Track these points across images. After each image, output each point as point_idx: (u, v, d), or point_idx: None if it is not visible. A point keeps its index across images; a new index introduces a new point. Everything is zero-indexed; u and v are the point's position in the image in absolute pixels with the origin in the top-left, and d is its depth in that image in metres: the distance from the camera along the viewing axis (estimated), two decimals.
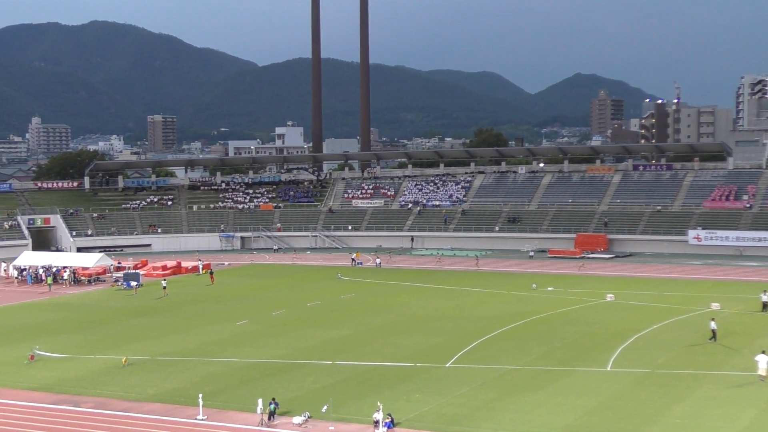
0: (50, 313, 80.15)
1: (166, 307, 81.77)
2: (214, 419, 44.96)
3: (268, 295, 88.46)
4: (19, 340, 66.56)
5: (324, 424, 43.60)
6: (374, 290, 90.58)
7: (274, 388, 50.01)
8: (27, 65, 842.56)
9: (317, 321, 73.05)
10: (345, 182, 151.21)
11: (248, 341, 64.69)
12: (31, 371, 56.34)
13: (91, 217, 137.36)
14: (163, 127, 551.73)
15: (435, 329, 68.26)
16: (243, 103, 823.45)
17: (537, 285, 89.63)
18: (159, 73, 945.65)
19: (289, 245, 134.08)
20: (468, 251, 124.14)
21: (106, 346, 63.91)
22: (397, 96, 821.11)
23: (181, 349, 62.29)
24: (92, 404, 48.39)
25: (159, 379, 53.42)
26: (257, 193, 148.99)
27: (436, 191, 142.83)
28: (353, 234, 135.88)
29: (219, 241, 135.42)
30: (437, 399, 47.87)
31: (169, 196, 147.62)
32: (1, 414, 46.86)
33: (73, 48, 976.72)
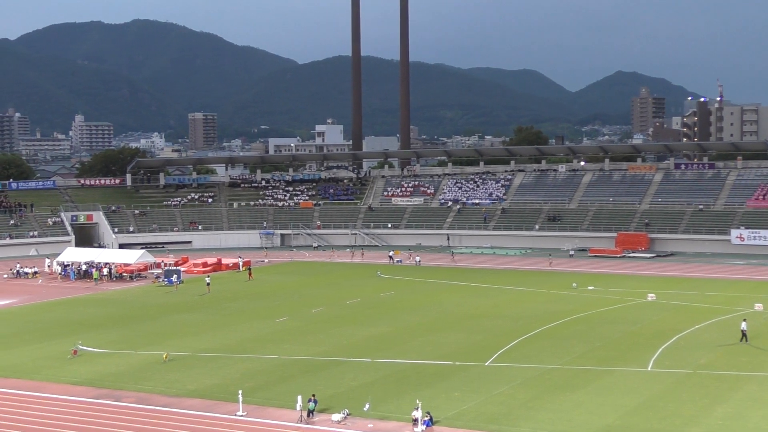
0: (92, 308, 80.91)
1: (207, 304, 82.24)
2: (253, 415, 45.17)
3: (307, 292, 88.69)
4: (62, 335, 67.27)
5: (363, 421, 43.65)
6: (413, 288, 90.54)
7: (314, 385, 50.17)
8: (70, 63, 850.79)
9: (356, 318, 73.16)
10: (385, 180, 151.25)
11: (288, 338, 64.90)
12: (74, 366, 56.91)
13: (133, 214, 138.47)
14: (203, 125, 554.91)
15: (474, 327, 68.13)
16: (283, 100, 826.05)
17: (577, 284, 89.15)
18: (200, 71, 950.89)
19: (328, 243, 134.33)
20: (508, 250, 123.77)
21: (147, 341, 64.42)
22: (437, 94, 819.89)
23: (221, 345, 62.64)
24: (133, 399, 48.79)
25: (199, 375, 53.76)
26: (297, 191, 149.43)
27: (475, 189, 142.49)
28: (393, 232, 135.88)
29: (259, 239, 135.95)
30: (476, 397, 47.78)
31: (209, 193, 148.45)
32: (45, 408, 47.40)
33: (116, 46, 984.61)
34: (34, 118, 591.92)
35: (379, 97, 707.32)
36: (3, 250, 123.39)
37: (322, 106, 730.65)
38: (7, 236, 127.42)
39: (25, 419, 45.34)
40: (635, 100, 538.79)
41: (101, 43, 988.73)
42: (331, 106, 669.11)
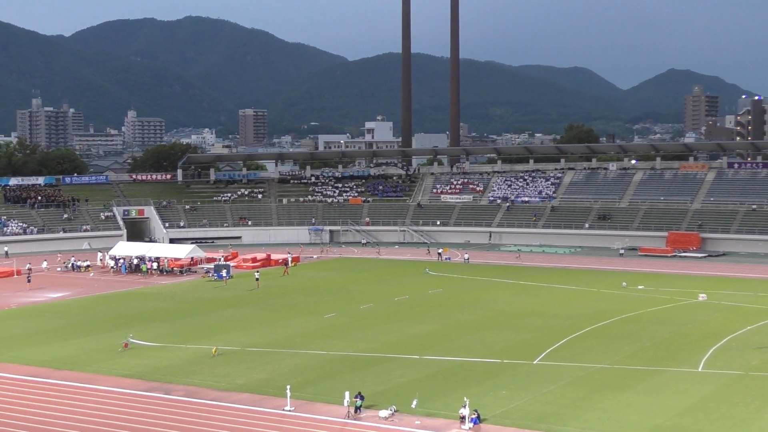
0: (143, 302, 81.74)
1: (256, 299, 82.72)
2: (301, 410, 45.38)
3: (356, 288, 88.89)
4: (114, 328, 68.04)
5: (410, 418, 43.69)
6: (462, 285, 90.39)
7: (361, 381, 50.28)
8: (123, 60, 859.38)
9: (404, 315, 73.18)
10: (434, 177, 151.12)
11: (336, 334, 65.11)
12: (125, 359, 57.55)
13: (184, 209, 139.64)
14: (254, 121, 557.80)
15: (522, 326, 67.89)
16: (333, 97, 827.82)
17: (627, 283, 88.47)
18: (251, 68, 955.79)
19: (377, 239, 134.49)
20: (557, 248, 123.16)
21: (196, 335, 64.96)
22: (487, 91, 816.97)
23: (269, 340, 62.99)
24: (183, 392, 49.23)
25: (248, 370, 54.10)
26: (346, 187, 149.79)
27: (525, 187, 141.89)
28: (441, 229, 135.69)
29: (308, 235, 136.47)
30: (524, 396, 47.62)
31: (259, 189, 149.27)
32: (97, 399, 47.98)
33: (168, 43, 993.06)
34: (88, 114, 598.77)
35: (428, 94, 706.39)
36: (57, 244, 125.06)
37: (371, 102, 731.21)
38: (61, 230, 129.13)
39: (78, 411, 45.95)
40: (688, 98, 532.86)
41: (154, 40, 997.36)
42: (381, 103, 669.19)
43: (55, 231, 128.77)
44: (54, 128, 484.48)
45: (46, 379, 52.65)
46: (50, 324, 70.57)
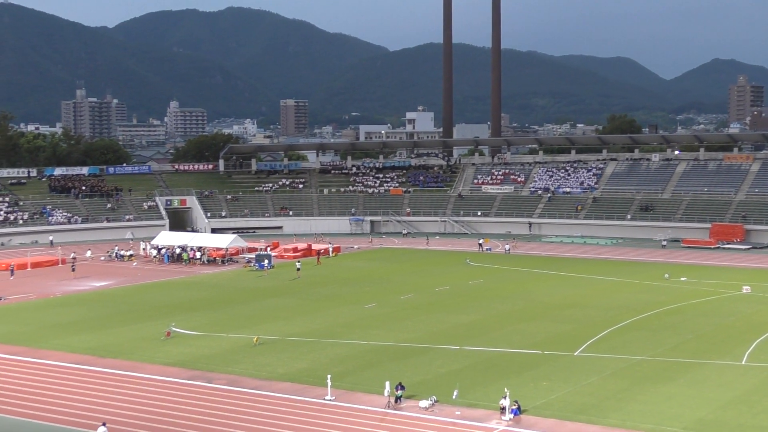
0: (185, 291, 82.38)
1: (297, 289, 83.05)
2: (341, 400, 45.56)
3: (396, 278, 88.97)
4: (157, 316, 68.65)
5: (450, 408, 43.72)
6: (502, 276, 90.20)
7: (402, 371, 50.38)
8: (166, 51, 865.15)
9: (445, 306, 73.19)
10: (475, 168, 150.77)
11: (376, 324, 65.25)
12: (168, 347, 58.06)
13: (225, 199, 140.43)
14: (295, 111, 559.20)
15: (563, 317, 67.65)
16: (374, 87, 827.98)
17: (670, 275, 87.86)
18: (292, 58, 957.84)
19: (417, 229, 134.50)
20: (598, 239, 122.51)
21: (238, 325, 65.37)
22: (529, 81, 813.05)
23: (310, 330, 63.25)
24: (224, 381, 49.59)
25: (289, 359, 54.37)
26: (387, 178, 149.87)
27: (566, 178, 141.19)
28: (482, 220, 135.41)
29: (349, 225, 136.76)
30: (565, 387, 47.49)
31: (300, 179, 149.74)
32: (140, 387, 48.47)
33: (210, 34, 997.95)
34: (131, 105, 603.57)
35: (470, 85, 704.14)
36: (100, 233, 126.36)
37: (412, 93, 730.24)
38: (105, 219, 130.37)
39: (122, 398, 46.44)
40: (732, 89, 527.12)
41: (196, 31, 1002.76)
42: (422, 94, 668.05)
43: (99, 221, 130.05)
44: (98, 119, 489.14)
45: (91, 366, 53.26)
46: (94, 312, 71.35)
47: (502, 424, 41.66)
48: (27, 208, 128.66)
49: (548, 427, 41.08)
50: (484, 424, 41.73)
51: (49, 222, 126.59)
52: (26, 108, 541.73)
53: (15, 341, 60.24)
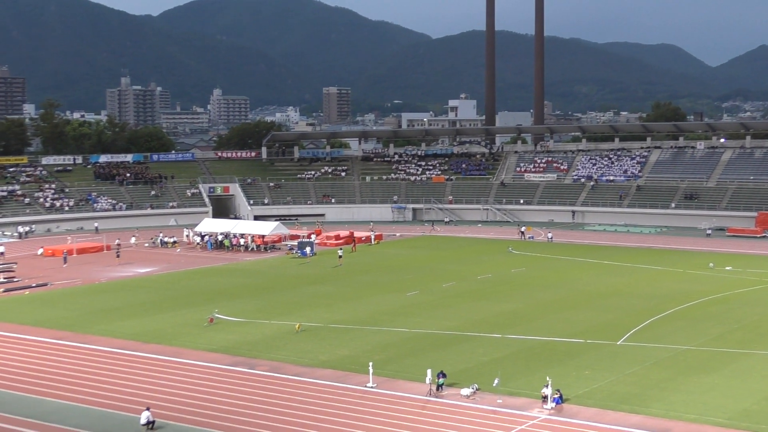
0: (228, 278, 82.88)
1: (339, 276, 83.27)
2: (383, 387, 45.65)
3: (438, 266, 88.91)
4: (200, 303, 69.16)
5: (492, 396, 43.67)
6: (545, 265, 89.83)
7: (443, 359, 50.37)
8: (209, 39, 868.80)
9: (487, 294, 73.05)
10: (517, 156, 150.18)
11: (418, 312, 65.27)
12: (211, 333, 58.48)
13: (268, 187, 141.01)
14: (337, 99, 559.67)
15: (606, 306, 67.27)
16: (416, 75, 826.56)
17: (714, 264, 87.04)
18: (335, 46, 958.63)
19: (460, 217, 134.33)
20: (642, 228, 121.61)
21: (280, 311, 65.67)
22: (572, 69, 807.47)
23: (352, 317, 63.41)
24: (267, 367, 49.87)
25: (331, 346, 54.56)
26: (429, 165, 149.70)
27: (610, 166, 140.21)
28: (525, 208, 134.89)
29: (391, 212, 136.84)
30: (607, 376, 47.25)
31: (342, 166, 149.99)
32: (183, 373, 48.90)
33: (253, 22, 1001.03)
34: (175, 92, 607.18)
35: (512, 72, 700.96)
36: (144, 220, 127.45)
37: (455, 80, 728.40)
38: (149, 206, 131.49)
39: (165, 383, 46.88)
40: None
41: (239, 19, 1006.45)
42: (465, 81, 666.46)
43: (143, 207, 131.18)
44: (142, 106, 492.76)
45: (135, 352, 53.79)
46: (138, 298, 72.03)
47: (544, 412, 41.55)
48: (73, 195, 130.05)
49: (590, 417, 40.92)
50: (526, 412, 41.64)
51: (94, 209, 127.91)
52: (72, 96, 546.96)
53: (61, 326, 61.01)
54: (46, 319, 63.30)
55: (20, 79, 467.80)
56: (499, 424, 40.07)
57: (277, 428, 39.80)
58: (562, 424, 40.13)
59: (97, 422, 40.82)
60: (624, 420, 40.40)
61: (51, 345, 55.89)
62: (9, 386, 46.67)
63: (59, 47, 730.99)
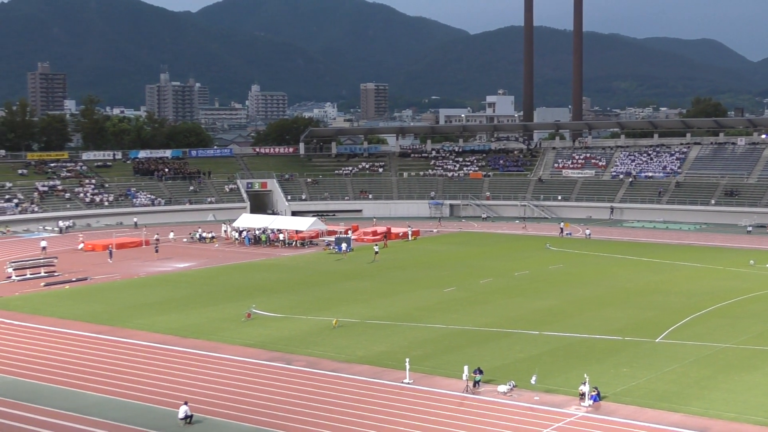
0: (266, 273, 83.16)
1: (376, 272, 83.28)
2: (420, 383, 45.63)
3: (475, 263, 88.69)
4: (238, 298, 69.45)
5: (529, 393, 43.52)
6: (583, 261, 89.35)
7: (480, 355, 50.27)
8: (248, 35, 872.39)
9: (524, 290, 72.80)
10: (555, 152, 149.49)
11: (455, 308, 65.16)
12: (248, 328, 58.72)
13: (305, 182, 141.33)
14: (375, 95, 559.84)
15: (645, 303, 66.80)
16: (454, 71, 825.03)
17: (755, 261, 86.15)
18: (373, 42, 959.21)
19: (497, 213, 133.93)
20: (681, 224, 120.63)
21: (317, 307, 65.78)
22: (611, 64, 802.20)
23: (389, 313, 63.39)
24: (304, 363, 49.99)
25: (368, 342, 54.59)
26: (467, 161, 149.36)
27: (649, 162, 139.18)
28: (563, 204, 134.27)
29: (428, 209, 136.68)
30: (646, 374, 46.92)
31: (380, 162, 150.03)
32: (220, 367, 49.14)
33: (291, 18, 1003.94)
34: (213, 88, 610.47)
35: (551, 68, 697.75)
36: (183, 215, 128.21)
37: (493, 76, 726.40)
38: (187, 202, 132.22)
39: (203, 378, 47.13)
40: None
41: (277, 15, 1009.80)
42: (502, 77, 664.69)
43: (182, 203, 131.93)
44: (181, 102, 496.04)
45: (173, 346, 54.13)
46: (177, 293, 72.46)
47: (582, 410, 41.35)
48: (112, 190, 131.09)
49: (628, 414, 40.66)
50: (563, 409, 41.46)
51: (133, 204, 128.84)
52: (112, 92, 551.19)
53: (100, 320, 61.54)
54: (86, 314, 63.87)
55: (61, 75, 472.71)
56: (537, 421, 39.92)
57: (313, 423, 39.89)
58: (599, 421, 39.91)
59: (136, 416, 41.13)
60: (663, 418, 40.11)
61: (90, 339, 56.39)
62: (50, 379, 47.16)
63: (100, 44, 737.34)
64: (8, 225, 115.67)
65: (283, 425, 39.71)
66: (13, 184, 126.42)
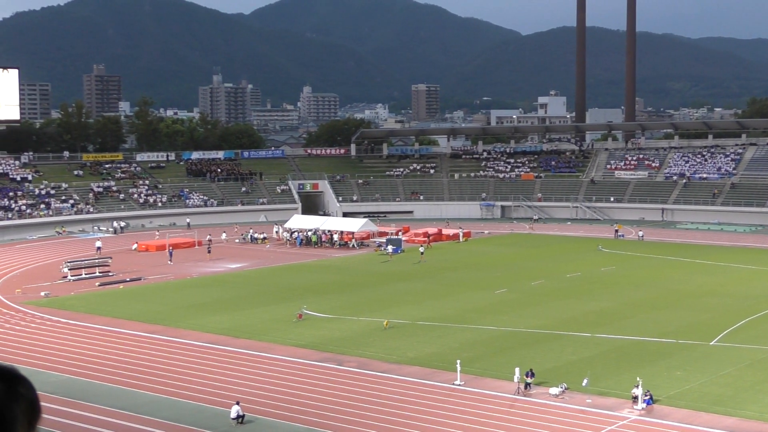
0: (317, 274, 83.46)
1: (427, 273, 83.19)
2: (471, 385, 45.54)
3: (527, 264, 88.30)
4: (289, 299, 69.73)
5: (581, 396, 43.26)
6: (635, 263, 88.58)
7: (532, 357, 50.03)
8: (299, 36, 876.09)
9: (576, 292, 72.34)
10: (608, 153, 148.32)
11: (506, 310, 64.91)
12: (299, 329, 58.97)
13: (357, 184, 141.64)
14: (426, 96, 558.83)
15: (699, 305, 66.06)
16: (505, 72, 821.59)
17: None
18: (424, 43, 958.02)
19: (549, 215, 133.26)
20: (736, 226, 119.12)
21: (368, 308, 65.88)
22: (664, 65, 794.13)
23: (440, 314, 63.31)
24: (355, 364, 50.10)
25: (418, 343, 54.57)
26: (518, 163, 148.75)
27: (703, 163, 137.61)
28: (615, 206, 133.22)
29: (479, 210, 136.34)
30: (700, 377, 46.42)
31: (431, 164, 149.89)
32: (272, 367, 49.43)
33: (343, 19, 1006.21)
34: (265, 90, 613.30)
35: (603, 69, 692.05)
36: (235, 216, 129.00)
37: (544, 77, 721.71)
38: (239, 203, 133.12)
39: (255, 378, 47.44)
40: None
41: (328, 17, 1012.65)
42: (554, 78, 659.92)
43: (234, 204, 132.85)
44: (233, 104, 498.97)
45: (225, 346, 54.53)
46: (229, 294, 72.97)
47: (634, 413, 41.01)
48: (165, 191, 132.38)
49: (682, 418, 40.26)
50: (616, 412, 41.15)
51: (186, 205, 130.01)
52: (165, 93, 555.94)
53: (153, 320, 62.18)
54: (140, 313, 64.57)
55: (116, 77, 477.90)
56: (589, 424, 39.67)
57: (364, 424, 39.99)
58: (652, 425, 39.56)
59: (188, 415, 41.51)
60: (717, 422, 39.64)
61: (144, 338, 57.00)
62: (104, 378, 47.74)
63: (153, 46, 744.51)
64: (64, 225, 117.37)
65: (333, 426, 39.85)
66: (69, 185, 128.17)
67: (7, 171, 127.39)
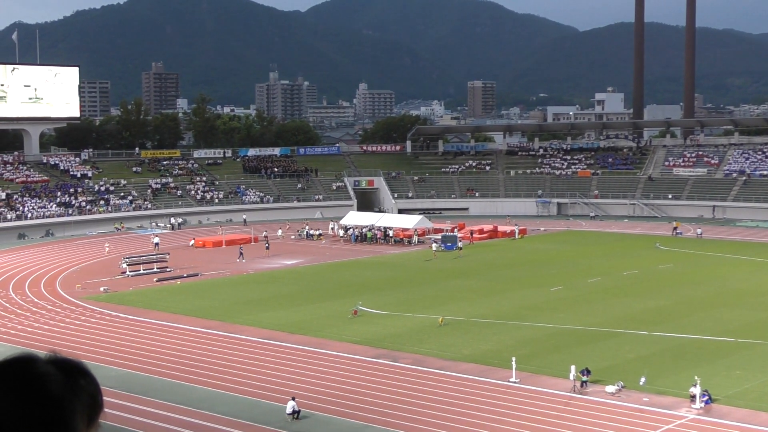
0: (372, 271, 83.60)
1: (482, 270, 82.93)
2: (526, 383, 45.35)
3: (583, 261, 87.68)
4: (345, 295, 69.92)
5: (638, 395, 42.87)
6: (694, 261, 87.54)
7: (588, 355, 49.68)
8: (355, 33, 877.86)
9: (633, 290, 71.67)
10: (666, 150, 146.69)
11: (562, 307, 64.51)
12: (355, 325, 59.11)
13: (412, 180, 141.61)
14: (482, 93, 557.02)
15: (759, 304, 65.10)
16: (562, 68, 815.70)
17: None
18: (480, 40, 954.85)
19: (606, 212, 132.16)
20: None
21: (423, 305, 65.83)
22: (724, 61, 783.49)
23: (495, 311, 63.09)
24: (410, 360, 50.12)
25: (474, 340, 54.46)
26: (575, 160, 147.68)
27: (764, 160, 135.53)
28: (673, 203, 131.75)
29: (535, 207, 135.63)
30: (760, 377, 45.76)
31: (487, 160, 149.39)
32: (328, 363, 49.59)
33: (399, 16, 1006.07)
34: (321, 87, 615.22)
35: (661, 65, 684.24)
36: (291, 213, 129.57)
37: (602, 73, 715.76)
38: (295, 199, 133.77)
39: (311, 374, 47.62)
40: None
41: (384, 14, 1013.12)
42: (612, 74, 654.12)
43: (290, 200, 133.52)
44: (289, 101, 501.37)
45: (281, 342, 54.83)
46: (285, 290, 73.35)
47: (692, 412, 40.55)
48: (222, 188, 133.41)
49: (741, 418, 39.73)
50: (674, 411, 40.72)
51: (242, 201, 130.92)
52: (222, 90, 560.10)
53: (210, 316, 62.70)
54: (197, 309, 65.16)
55: (174, 75, 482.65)
56: (646, 423, 39.30)
57: (420, 421, 39.98)
58: (711, 424, 39.09)
59: (245, 410, 41.80)
60: None
61: (201, 334, 57.51)
62: (162, 373, 48.26)
63: (210, 43, 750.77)
64: (122, 221, 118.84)
65: (389, 422, 39.90)
66: (128, 182, 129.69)
67: (67, 168, 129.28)
